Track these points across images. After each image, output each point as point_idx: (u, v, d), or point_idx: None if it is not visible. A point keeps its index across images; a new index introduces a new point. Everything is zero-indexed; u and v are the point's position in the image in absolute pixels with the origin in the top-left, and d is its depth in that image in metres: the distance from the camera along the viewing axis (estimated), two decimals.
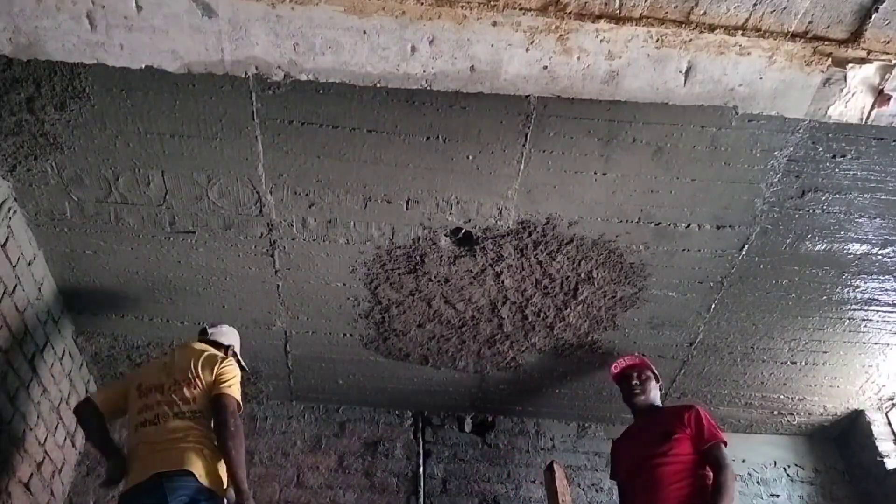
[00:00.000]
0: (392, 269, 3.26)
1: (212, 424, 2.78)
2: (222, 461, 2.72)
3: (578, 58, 2.44)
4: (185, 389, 2.78)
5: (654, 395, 3.30)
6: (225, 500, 2.72)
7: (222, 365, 2.87)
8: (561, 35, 2.38)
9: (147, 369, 2.98)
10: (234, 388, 2.82)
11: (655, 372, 3.38)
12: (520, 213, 3.00)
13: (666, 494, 2.85)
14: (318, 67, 2.47)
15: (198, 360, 2.87)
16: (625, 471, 3.15)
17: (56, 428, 3.41)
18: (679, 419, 3.02)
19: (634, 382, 3.28)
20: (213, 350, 3.00)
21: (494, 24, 2.35)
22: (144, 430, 2.73)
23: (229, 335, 3.19)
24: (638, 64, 2.46)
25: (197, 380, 2.81)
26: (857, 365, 3.80)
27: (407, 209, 2.99)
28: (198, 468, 2.60)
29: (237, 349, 3.17)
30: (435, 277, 3.29)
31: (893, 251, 3.15)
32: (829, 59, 2.45)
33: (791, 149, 2.76)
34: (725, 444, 2.96)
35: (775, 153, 2.78)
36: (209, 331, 3.15)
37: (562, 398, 4.05)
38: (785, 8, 2.33)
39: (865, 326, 3.56)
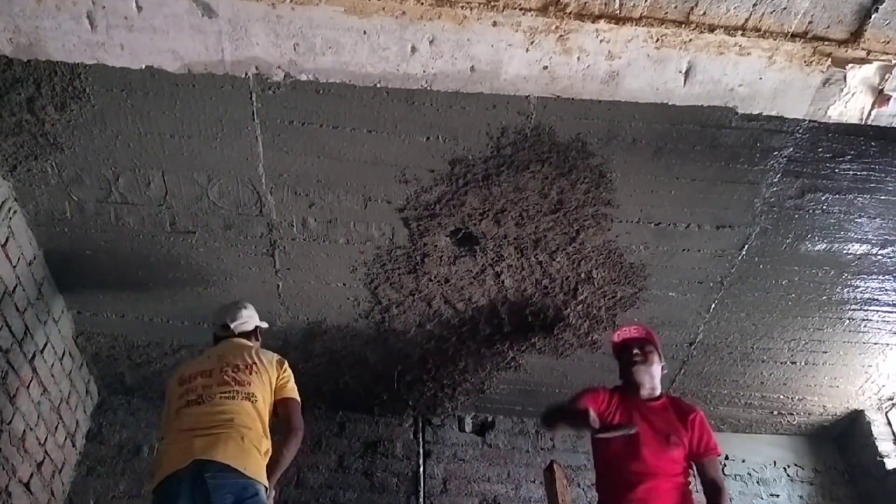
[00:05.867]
0: (392, 269, 3.26)
1: (262, 422, 2.58)
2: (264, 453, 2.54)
3: (578, 58, 2.44)
4: (241, 372, 2.61)
5: (657, 375, 2.98)
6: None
7: (284, 368, 2.77)
8: (561, 35, 2.38)
9: (185, 367, 2.77)
10: (297, 393, 2.76)
11: (661, 350, 3.05)
12: None
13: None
14: (318, 67, 2.47)
15: (254, 352, 2.75)
16: (616, 452, 2.86)
17: (56, 428, 3.41)
18: (683, 421, 2.84)
19: (635, 352, 2.98)
20: (264, 350, 2.85)
21: (494, 24, 2.35)
22: (188, 410, 2.50)
23: (251, 317, 2.96)
24: (638, 64, 2.46)
25: (256, 366, 2.65)
26: (857, 365, 3.81)
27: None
28: (244, 461, 2.35)
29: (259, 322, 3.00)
30: (435, 277, 3.29)
31: (893, 251, 3.15)
32: (829, 60, 2.45)
33: (791, 149, 2.76)
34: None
35: (775, 153, 2.78)
36: (232, 325, 2.88)
37: (562, 398, 4.04)
38: (785, 8, 2.33)
39: (865, 326, 3.56)
